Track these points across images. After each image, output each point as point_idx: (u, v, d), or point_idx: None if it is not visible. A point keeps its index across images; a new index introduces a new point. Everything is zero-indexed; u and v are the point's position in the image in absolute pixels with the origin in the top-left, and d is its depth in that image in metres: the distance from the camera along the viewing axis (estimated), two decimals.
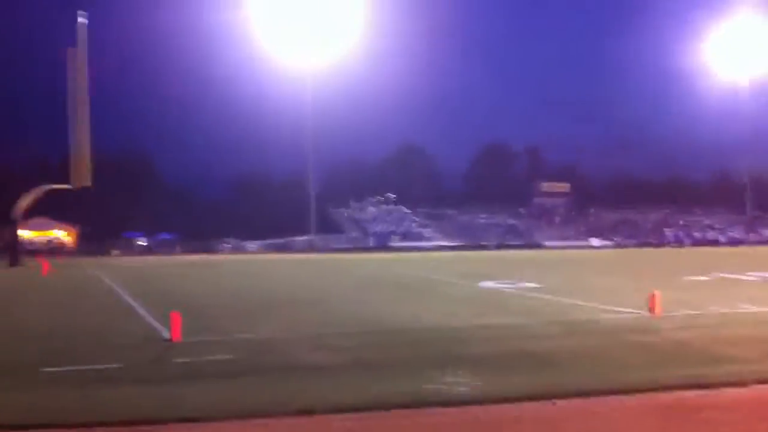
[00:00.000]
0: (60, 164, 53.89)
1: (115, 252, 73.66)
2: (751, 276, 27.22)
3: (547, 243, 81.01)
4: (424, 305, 18.51)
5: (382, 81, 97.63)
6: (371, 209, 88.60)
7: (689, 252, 63.00)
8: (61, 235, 79.66)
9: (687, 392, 8.57)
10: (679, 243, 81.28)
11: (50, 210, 70.84)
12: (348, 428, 7.06)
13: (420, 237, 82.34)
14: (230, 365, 10.64)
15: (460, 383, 9.10)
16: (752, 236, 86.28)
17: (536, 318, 15.40)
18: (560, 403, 8.10)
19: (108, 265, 44.81)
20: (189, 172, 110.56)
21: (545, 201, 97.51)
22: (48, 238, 77.42)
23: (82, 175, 46.76)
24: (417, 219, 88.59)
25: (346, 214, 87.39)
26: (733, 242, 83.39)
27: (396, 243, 78.64)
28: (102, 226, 78.86)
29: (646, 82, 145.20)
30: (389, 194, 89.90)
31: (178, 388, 9.09)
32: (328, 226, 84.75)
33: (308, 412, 7.72)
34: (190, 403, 8.28)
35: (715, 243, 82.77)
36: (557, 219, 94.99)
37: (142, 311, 17.65)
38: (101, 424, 7.30)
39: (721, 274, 28.20)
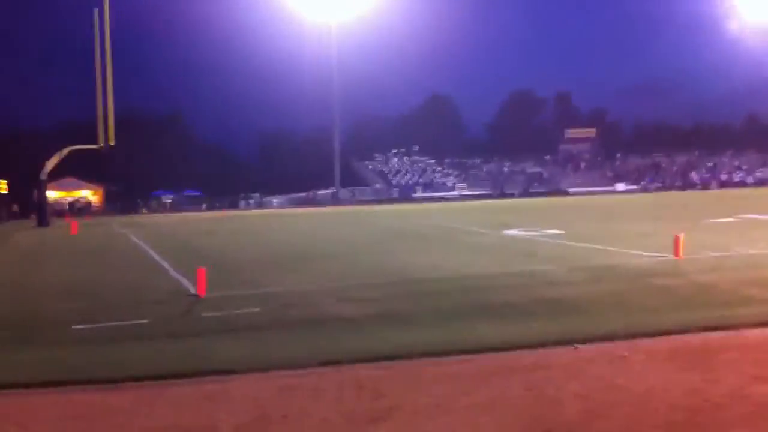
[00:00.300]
0: (86, 125, 54.18)
1: (142, 210, 74.41)
2: None
3: (572, 189, 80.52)
4: (447, 255, 18.57)
5: (408, 33, 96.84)
6: (395, 161, 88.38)
7: (716, 194, 62.37)
8: (88, 194, 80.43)
9: (711, 333, 8.59)
10: (705, 185, 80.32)
11: (77, 170, 71.52)
12: (374, 377, 7.17)
13: (444, 187, 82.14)
14: (257, 318, 10.79)
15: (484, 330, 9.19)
16: None
17: (560, 264, 15.41)
18: (583, 348, 8.15)
19: (135, 224, 45.30)
20: (216, 129, 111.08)
21: (571, 147, 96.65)
22: (75, 198, 78.25)
23: (108, 135, 47.15)
24: (441, 169, 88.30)
25: (370, 167, 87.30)
26: (762, 183, 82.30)
27: (420, 194, 78.55)
28: (129, 185, 79.61)
29: (676, 27, 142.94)
30: (414, 146, 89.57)
31: (206, 342, 9.25)
32: (353, 179, 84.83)
33: (335, 362, 7.84)
34: (219, 356, 8.44)
35: (742, 184, 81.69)
36: (583, 165, 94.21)
37: (168, 267, 17.88)
38: (132, 379, 7.47)
39: (748, 216, 27.94)
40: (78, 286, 15.43)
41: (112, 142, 47.43)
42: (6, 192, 62.65)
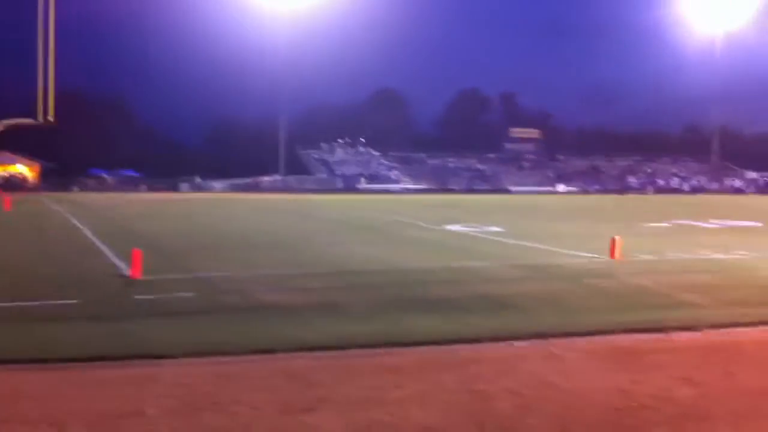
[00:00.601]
0: (24, 99, 52.70)
1: (77, 189, 72.71)
2: (712, 223, 27.68)
3: (514, 188, 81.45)
4: (388, 247, 18.58)
5: (359, 25, 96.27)
6: (340, 151, 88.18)
7: (652, 199, 63.77)
8: (24, 170, 78.27)
9: (641, 335, 8.75)
10: (642, 190, 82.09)
11: (13, 145, 69.52)
12: (307, 366, 7.11)
13: (388, 179, 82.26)
14: (191, 303, 10.62)
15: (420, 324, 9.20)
16: (715, 185, 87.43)
17: (499, 261, 15.54)
18: (518, 344, 8.22)
19: (71, 202, 44.25)
20: (160, 113, 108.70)
21: (515, 147, 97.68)
22: (10, 173, 76.08)
23: (47, 111, 45.96)
24: (386, 162, 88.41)
25: (315, 156, 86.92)
26: (696, 190, 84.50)
27: (363, 185, 78.53)
28: (67, 163, 77.65)
29: (622, 35, 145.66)
30: (360, 138, 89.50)
31: (138, 325, 9.07)
32: (297, 168, 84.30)
33: (268, 351, 7.76)
34: (149, 340, 8.28)
35: (678, 191, 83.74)
36: (526, 164, 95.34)
37: (103, 248, 17.50)
38: (58, 359, 7.27)
39: (682, 221, 28.62)
40: (7, 263, 14.98)
41: (51, 118, 46.25)
42: None
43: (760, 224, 28.02)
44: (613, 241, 16.02)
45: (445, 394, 6.27)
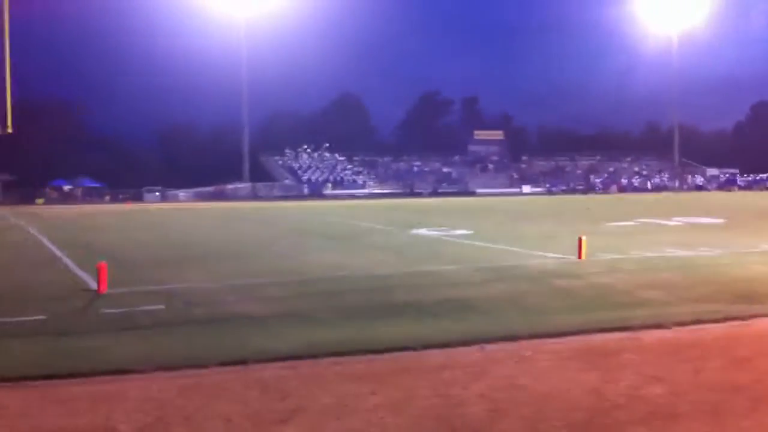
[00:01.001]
0: None
1: (40, 201, 71.63)
2: (675, 221, 28.08)
3: (479, 190, 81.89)
4: (356, 253, 18.57)
5: (319, 30, 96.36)
6: (304, 157, 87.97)
7: (615, 198, 64.52)
8: None
9: (610, 334, 8.83)
10: (606, 189, 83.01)
11: None
12: (279, 377, 7.06)
13: (354, 185, 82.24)
14: (159, 316, 10.51)
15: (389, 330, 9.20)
16: (678, 183, 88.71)
17: (466, 264, 15.61)
18: (488, 348, 8.25)
19: (32, 214, 43.60)
20: (121, 122, 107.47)
21: (479, 149, 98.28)
22: None
23: (5, 121, 45.13)
24: (351, 167, 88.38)
25: (280, 162, 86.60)
26: (659, 189, 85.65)
27: (329, 191, 78.40)
28: (27, 175, 76.42)
29: (580, 36, 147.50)
30: (323, 143, 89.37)
31: (105, 340, 8.95)
32: (262, 175, 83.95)
33: (239, 362, 7.70)
34: (118, 355, 8.16)
35: (641, 190, 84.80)
36: (490, 166, 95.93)
37: (68, 261, 17.26)
38: (24, 377, 7.14)
39: (645, 220, 28.99)
40: None
41: (9, 130, 45.44)
42: None
43: (722, 221, 28.48)
44: (580, 240, 16.16)
45: (419, 400, 6.27)
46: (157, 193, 78.57)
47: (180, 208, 56.25)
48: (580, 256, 15.92)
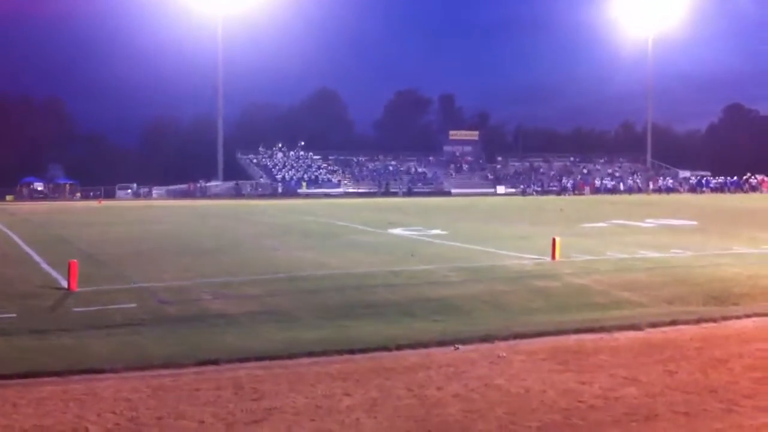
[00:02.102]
0: None
1: (11, 198, 70.66)
2: (648, 223, 28.29)
3: (454, 190, 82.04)
4: (331, 252, 18.48)
5: (297, 26, 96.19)
6: (279, 155, 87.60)
7: (589, 199, 64.94)
8: None
9: (586, 335, 8.87)
10: (579, 190, 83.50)
11: None
12: (254, 377, 7.00)
13: (329, 183, 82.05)
14: (132, 314, 10.40)
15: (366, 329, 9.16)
16: (652, 185, 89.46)
17: (442, 264, 15.59)
18: (463, 348, 8.24)
19: (2, 211, 43.00)
20: (93, 117, 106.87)
21: (454, 149, 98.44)
22: None
23: None
24: (326, 165, 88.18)
25: (254, 160, 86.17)
26: (633, 190, 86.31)
27: (304, 189, 78.16)
28: None
29: (557, 35, 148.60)
30: (299, 141, 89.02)
31: (76, 338, 8.84)
32: (236, 172, 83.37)
33: (213, 361, 7.62)
34: (89, 354, 8.06)
35: (615, 191, 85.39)
36: (465, 167, 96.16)
37: (38, 259, 17.02)
38: None
39: (619, 221, 29.18)
40: None
41: None
42: None
43: (694, 223, 28.73)
44: (554, 241, 16.22)
45: (394, 400, 6.25)
46: (130, 191, 77.79)
47: (152, 204, 55.75)
48: (554, 257, 15.98)
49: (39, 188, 76.74)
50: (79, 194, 74.75)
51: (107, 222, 33.33)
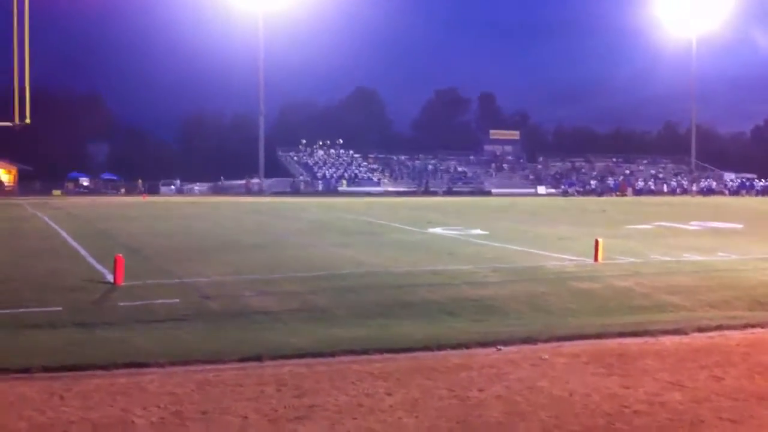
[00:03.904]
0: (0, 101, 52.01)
1: (58, 192, 72.02)
2: (693, 225, 27.87)
3: (495, 190, 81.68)
4: (371, 250, 18.52)
5: (337, 25, 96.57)
6: (320, 153, 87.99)
7: (633, 201, 64.16)
8: (1, 173, 77.40)
9: (629, 339, 8.75)
10: (622, 191, 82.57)
11: None
12: (296, 374, 7.04)
13: (369, 182, 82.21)
14: (176, 309, 10.52)
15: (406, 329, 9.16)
16: (695, 186, 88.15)
17: (482, 264, 15.53)
18: (505, 349, 8.20)
19: (50, 206, 43.83)
20: (137, 113, 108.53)
21: (495, 148, 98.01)
22: None
23: (24, 112, 45.34)
24: (366, 164, 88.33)
25: (295, 158, 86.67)
26: (677, 192, 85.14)
27: (344, 187, 78.41)
28: (46, 166, 76.87)
29: (599, 35, 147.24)
30: (338, 139, 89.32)
31: (122, 332, 8.97)
32: (277, 170, 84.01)
33: (256, 357, 7.67)
34: (134, 348, 8.17)
35: (658, 192, 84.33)
36: (506, 166, 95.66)
37: (84, 253, 17.32)
38: (42, 368, 7.15)
39: (662, 223, 28.79)
40: None
41: (27, 120, 45.65)
42: None
43: (740, 226, 28.24)
44: (597, 243, 16.06)
45: (436, 401, 6.23)
46: (173, 187, 78.81)
47: (195, 201, 56.40)
48: (596, 259, 15.82)
49: (85, 183, 78.09)
50: (123, 189, 75.92)
51: (151, 217, 33.81)
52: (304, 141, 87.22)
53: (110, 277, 12.78)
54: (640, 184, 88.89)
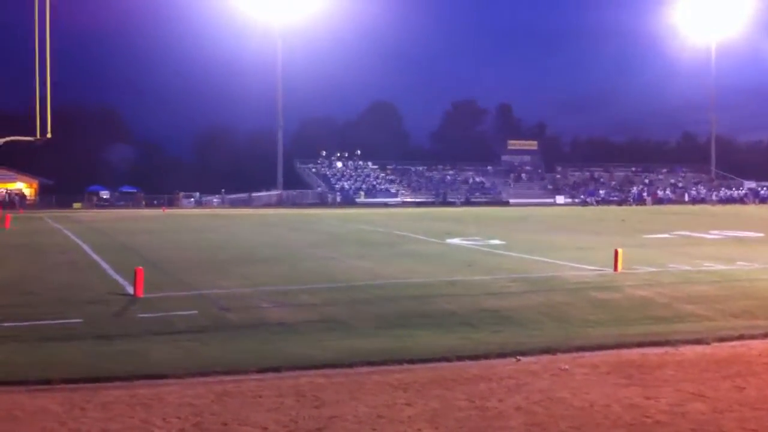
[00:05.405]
0: (22, 116, 52.56)
1: (79, 205, 72.55)
2: (713, 234, 27.65)
3: (512, 200, 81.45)
4: (389, 261, 18.51)
5: (354, 38, 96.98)
6: (338, 165, 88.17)
7: (652, 210, 63.78)
8: (23, 187, 78.15)
9: (650, 349, 8.68)
10: (642, 201, 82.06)
11: (9, 162, 69.43)
12: (315, 384, 7.04)
13: (387, 193, 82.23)
14: (195, 321, 10.56)
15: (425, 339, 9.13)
16: (715, 195, 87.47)
17: (501, 275, 15.49)
18: (525, 360, 8.16)
19: (70, 219, 44.18)
20: (157, 127, 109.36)
21: (513, 158, 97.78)
22: (9, 191, 75.93)
23: (45, 127, 45.79)
24: (384, 175, 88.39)
25: (313, 170, 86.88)
26: (696, 201, 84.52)
27: (362, 199, 78.46)
28: (65, 179, 77.50)
29: (615, 45, 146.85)
30: (356, 151, 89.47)
31: (142, 344, 9.00)
32: (295, 182, 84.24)
33: (275, 369, 7.68)
34: (154, 359, 8.20)
35: (678, 201, 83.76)
36: (524, 176, 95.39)
37: (105, 266, 17.44)
38: (63, 380, 7.19)
39: (682, 232, 28.59)
40: (9, 282, 14.92)
41: (49, 135, 46.09)
42: None
43: (761, 234, 27.98)
44: (616, 253, 15.97)
45: (456, 411, 6.21)
46: (192, 199, 79.20)
47: (213, 213, 56.64)
48: (616, 269, 15.73)
49: (105, 196, 78.62)
50: (143, 202, 76.35)
51: (171, 230, 33.98)
52: (324, 152, 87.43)
53: (130, 290, 12.87)
54: (660, 193, 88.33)
